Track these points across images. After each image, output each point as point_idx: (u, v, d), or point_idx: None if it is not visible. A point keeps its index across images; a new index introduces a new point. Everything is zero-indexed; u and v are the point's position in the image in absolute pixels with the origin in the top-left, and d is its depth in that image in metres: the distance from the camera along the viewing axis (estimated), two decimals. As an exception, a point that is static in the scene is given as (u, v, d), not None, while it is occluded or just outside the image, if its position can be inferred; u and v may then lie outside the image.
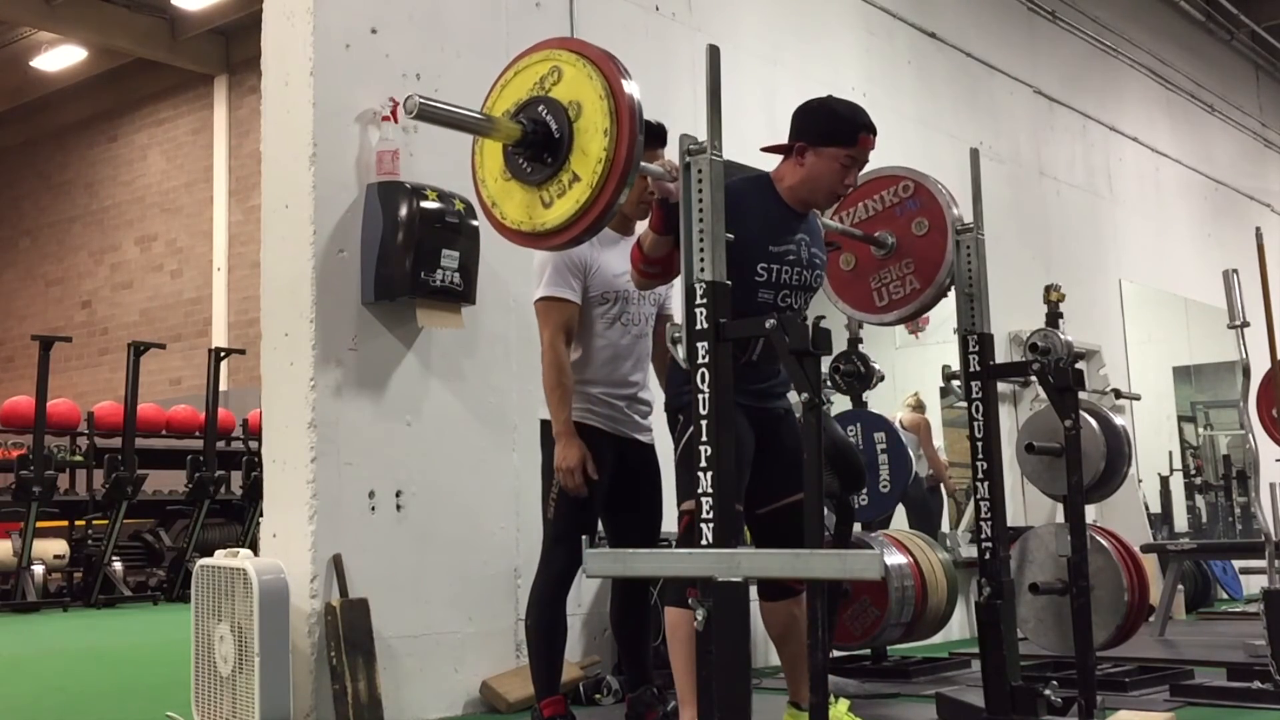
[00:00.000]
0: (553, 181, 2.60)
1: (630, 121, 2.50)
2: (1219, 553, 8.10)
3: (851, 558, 2.32)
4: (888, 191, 3.83)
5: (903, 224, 3.80)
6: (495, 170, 2.74)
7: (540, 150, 2.60)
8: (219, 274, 15.25)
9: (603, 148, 2.50)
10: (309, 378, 3.94)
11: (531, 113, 2.62)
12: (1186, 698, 4.19)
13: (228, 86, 15.65)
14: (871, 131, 3.22)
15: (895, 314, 3.85)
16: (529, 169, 2.63)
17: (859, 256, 3.89)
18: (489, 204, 2.77)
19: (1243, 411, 4.47)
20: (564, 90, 2.60)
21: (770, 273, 3.14)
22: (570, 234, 2.61)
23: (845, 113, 3.23)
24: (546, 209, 2.62)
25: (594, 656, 4.58)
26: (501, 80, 2.76)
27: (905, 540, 5.18)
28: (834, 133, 3.18)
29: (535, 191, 2.64)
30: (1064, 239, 8.14)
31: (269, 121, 4.19)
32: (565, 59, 2.63)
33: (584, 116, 2.55)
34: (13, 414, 10.32)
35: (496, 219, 2.75)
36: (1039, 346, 3.94)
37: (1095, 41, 8.81)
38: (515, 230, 2.70)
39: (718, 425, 2.43)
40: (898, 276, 3.81)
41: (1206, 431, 10.45)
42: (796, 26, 6.25)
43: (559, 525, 3.51)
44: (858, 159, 3.21)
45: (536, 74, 2.66)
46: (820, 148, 3.18)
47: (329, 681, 3.79)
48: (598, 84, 2.55)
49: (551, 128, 2.59)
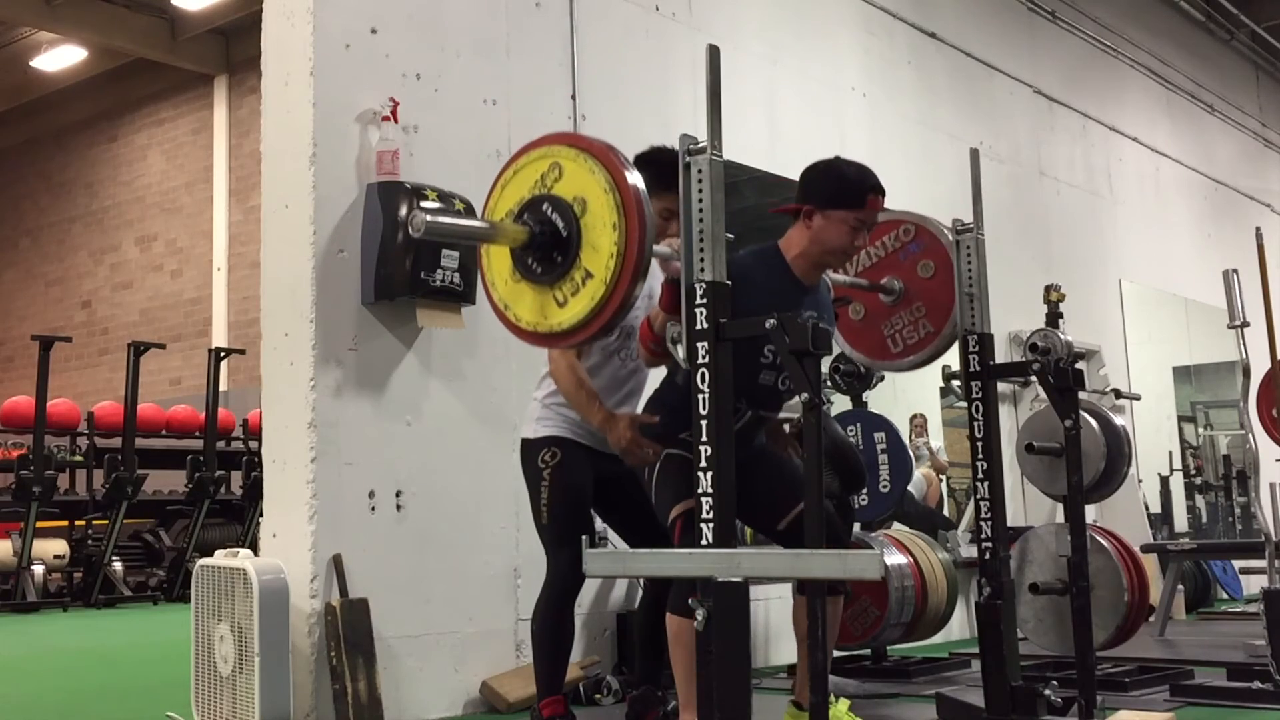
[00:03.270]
0: (565, 280, 2.55)
1: (638, 213, 2.46)
2: (1219, 553, 8.10)
3: (851, 558, 2.32)
4: (889, 237, 3.82)
5: (908, 268, 3.80)
6: (505, 273, 2.69)
7: (549, 250, 2.56)
8: (219, 274, 15.25)
9: (613, 242, 2.47)
10: (309, 378, 3.94)
11: (537, 213, 2.58)
12: (1186, 698, 4.19)
13: (228, 86, 15.65)
14: (880, 193, 3.19)
15: (911, 359, 3.84)
16: (539, 269, 2.59)
17: (868, 305, 3.88)
18: (501, 307, 2.72)
19: (1243, 411, 4.47)
20: (567, 186, 2.57)
21: (776, 354, 3.11)
22: (588, 332, 2.57)
23: (852, 175, 3.21)
24: (561, 308, 2.57)
25: (594, 656, 4.58)
26: (501, 180, 2.72)
27: (905, 540, 5.18)
28: (841, 195, 3.15)
29: (548, 291, 2.59)
30: (1064, 239, 8.14)
31: (269, 121, 4.19)
32: (564, 154, 2.60)
33: (590, 212, 2.52)
34: (13, 414, 10.32)
35: (511, 321, 2.70)
36: (1039, 346, 3.93)
37: (1095, 41, 8.81)
38: (531, 332, 2.66)
39: (717, 425, 2.44)
40: (910, 321, 3.80)
41: (1206, 431, 10.45)
42: (796, 26, 6.25)
43: (555, 529, 3.46)
44: (866, 221, 3.18)
45: (537, 171, 2.63)
46: (828, 210, 3.15)
47: (329, 681, 3.79)
48: (600, 178, 2.51)
49: (559, 226, 2.55)
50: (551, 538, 3.49)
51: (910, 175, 6.85)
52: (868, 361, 3.98)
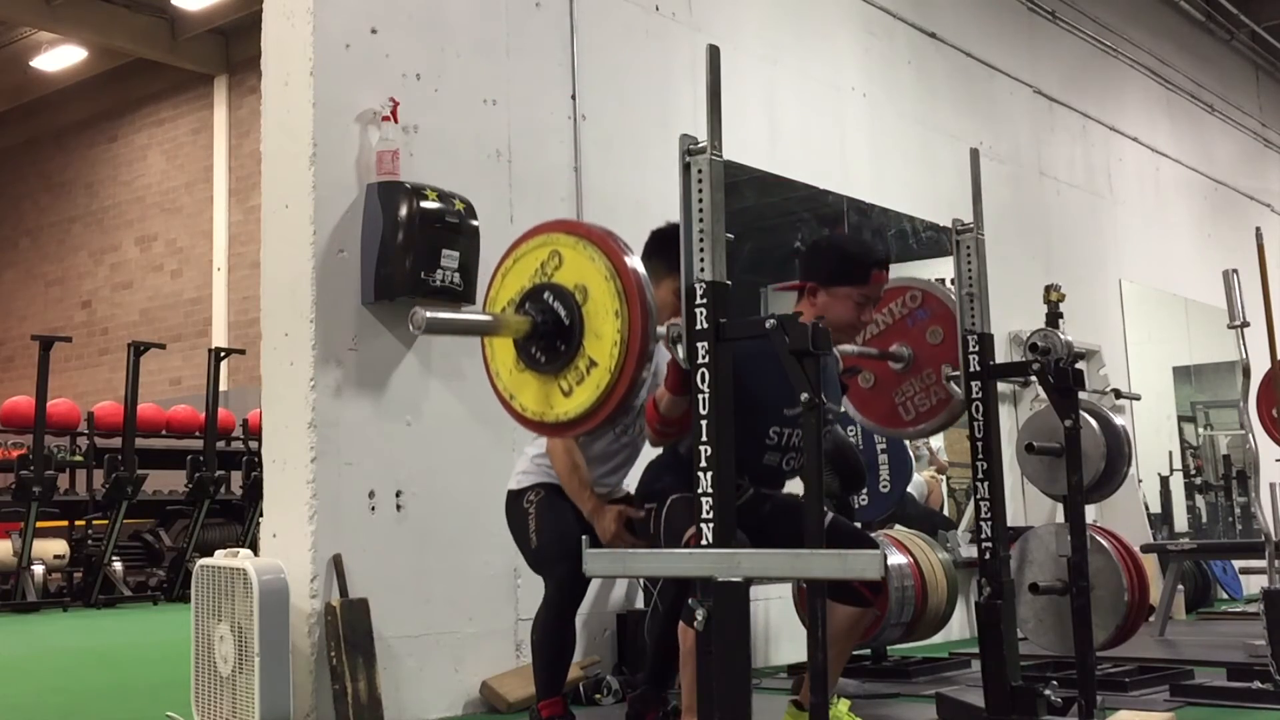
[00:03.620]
0: (570, 369, 2.55)
1: (640, 299, 2.45)
2: (1219, 553, 8.10)
3: (851, 558, 2.32)
4: (896, 304, 3.82)
5: (916, 334, 3.80)
6: (508, 362, 2.68)
7: (553, 339, 2.56)
8: (219, 274, 15.25)
9: (616, 330, 2.46)
10: (309, 378, 3.94)
11: (539, 302, 2.58)
12: (1186, 698, 4.20)
13: (228, 86, 15.65)
14: (883, 267, 3.19)
15: (924, 426, 3.85)
16: (543, 358, 2.58)
17: (878, 373, 3.87)
18: (507, 397, 2.71)
19: (1243, 411, 4.47)
20: (567, 274, 2.56)
21: (781, 436, 3.12)
22: (594, 421, 2.56)
23: (856, 251, 3.22)
24: (566, 397, 2.56)
25: (594, 656, 4.57)
26: (501, 269, 2.72)
27: (905, 540, 5.18)
28: (845, 272, 3.16)
29: (553, 380, 2.58)
30: (1064, 239, 8.14)
31: (269, 121, 4.19)
32: (564, 242, 2.59)
33: (592, 300, 2.51)
34: (13, 414, 10.32)
35: (517, 411, 2.69)
36: (1039, 346, 3.93)
37: (1095, 41, 8.81)
38: (537, 422, 2.65)
39: (718, 425, 2.43)
40: (921, 389, 3.80)
41: (1206, 431, 10.44)
42: (796, 26, 6.25)
43: (545, 549, 3.44)
44: (871, 296, 3.19)
45: (536, 260, 2.63)
46: (832, 287, 3.15)
47: (329, 681, 3.79)
48: (601, 265, 2.50)
49: (561, 314, 2.54)
50: (544, 558, 3.47)
51: (910, 175, 6.85)
52: (880, 430, 3.97)
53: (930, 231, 6.91)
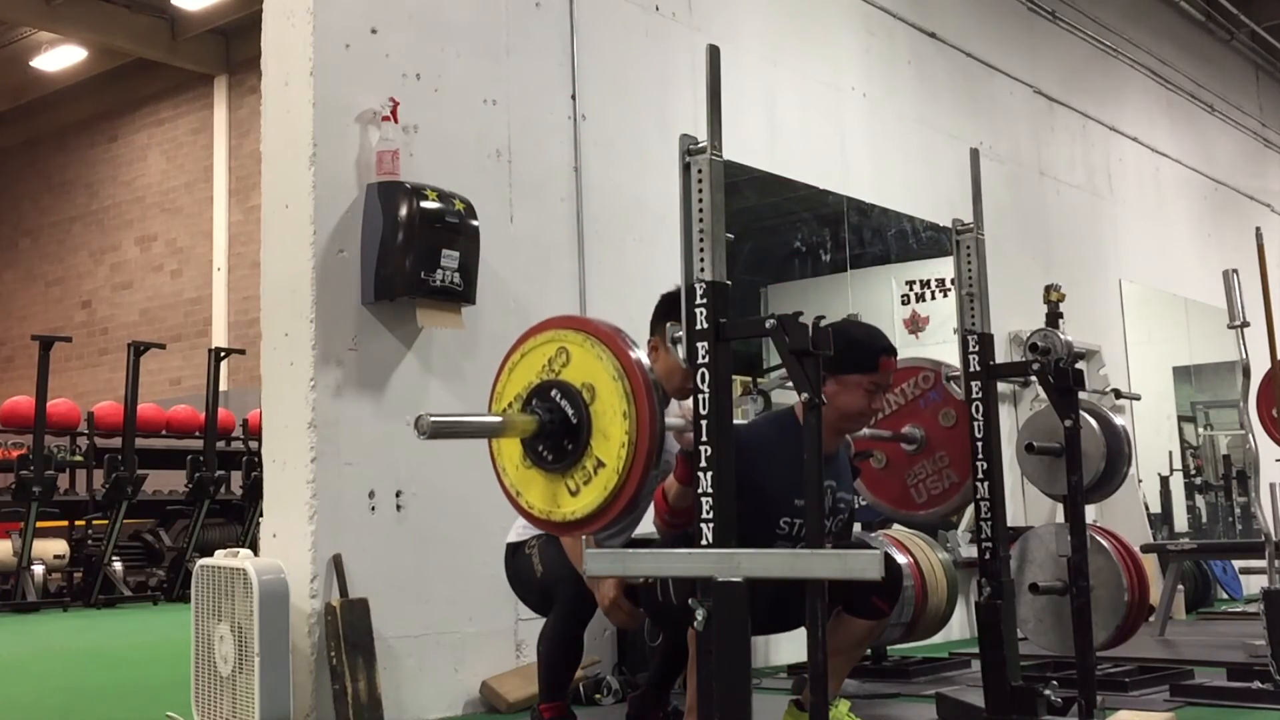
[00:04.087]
0: (576, 468, 2.53)
1: (648, 401, 2.44)
2: (1219, 553, 8.10)
3: (852, 558, 2.32)
4: (908, 384, 3.82)
5: (928, 416, 3.80)
6: (515, 458, 2.67)
7: (560, 438, 2.54)
8: (219, 274, 15.25)
9: (624, 431, 2.45)
10: (309, 378, 3.94)
11: (546, 400, 2.57)
12: (1186, 698, 4.19)
13: (228, 86, 15.65)
14: (891, 354, 3.20)
15: (937, 510, 3.86)
16: (550, 457, 2.57)
17: (889, 453, 3.88)
18: (513, 493, 2.70)
19: (1243, 411, 4.47)
20: (574, 372, 2.56)
21: (792, 526, 3.10)
22: (601, 521, 2.54)
23: (863, 339, 3.22)
24: (574, 497, 2.55)
25: (594, 656, 4.57)
26: (508, 364, 2.72)
27: (905, 540, 5.17)
28: (853, 360, 3.15)
29: (560, 479, 2.57)
30: (1064, 239, 8.14)
31: (269, 121, 4.19)
32: (571, 339, 2.58)
33: (600, 399, 2.50)
34: (13, 414, 10.32)
35: (523, 508, 2.68)
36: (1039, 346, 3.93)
37: (1095, 41, 8.81)
38: (544, 520, 2.63)
39: (718, 425, 2.43)
40: (934, 471, 3.80)
41: (1206, 431, 10.44)
42: (796, 27, 6.25)
43: (550, 576, 3.42)
44: (880, 384, 3.18)
45: (544, 356, 2.62)
46: (841, 376, 3.13)
47: (329, 681, 3.79)
48: (609, 365, 2.49)
49: (568, 414, 2.53)
50: (551, 582, 3.44)
51: (910, 175, 6.85)
52: (891, 513, 3.97)
53: (930, 231, 6.91)
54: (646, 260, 5.03)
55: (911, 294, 7.20)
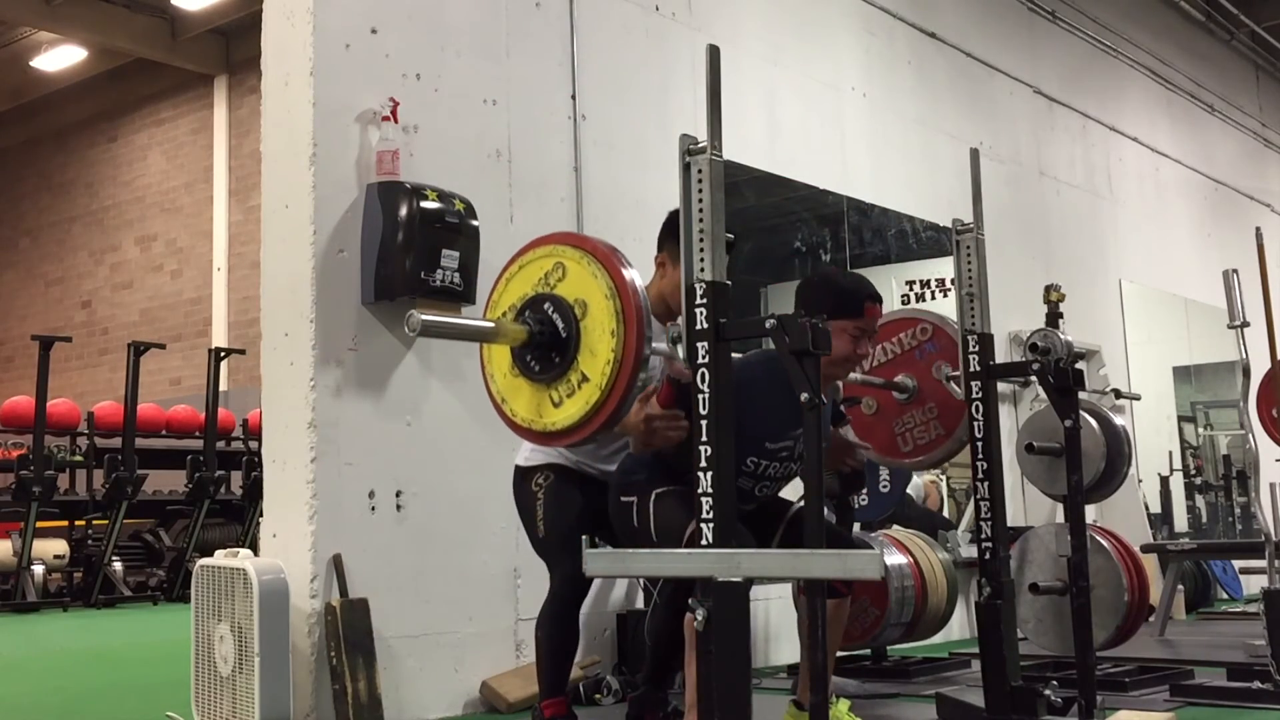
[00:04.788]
0: (561, 381, 2.58)
1: (637, 322, 2.48)
2: (1219, 553, 8.10)
3: (851, 558, 2.31)
4: (906, 334, 3.85)
5: (923, 368, 3.82)
6: (504, 366, 2.72)
7: (548, 350, 2.59)
8: (219, 274, 15.25)
9: (610, 349, 2.48)
10: (309, 378, 3.94)
11: (538, 311, 2.60)
12: (1186, 698, 4.19)
13: (228, 86, 15.65)
14: (877, 300, 3.23)
15: (922, 458, 3.89)
16: (537, 367, 2.61)
17: (881, 400, 3.91)
18: (499, 400, 2.74)
19: (1243, 411, 4.47)
20: (569, 288, 2.59)
21: (757, 466, 3.17)
22: (581, 434, 2.59)
23: (849, 285, 3.26)
24: (556, 408, 2.59)
25: (594, 656, 4.57)
26: (505, 274, 2.75)
27: (905, 540, 5.18)
28: (840, 307, 3.19)
29: (544, 390, 2.62)
30: (1064, 239, 8.15)
31: (269, 121, 4.19)
32: (569, 255, 2.61)
33: (590, 316, 2.53)
34: (13, 414, 10.31)
35: (507, 416, 2.73)
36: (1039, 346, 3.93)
37: (1095, 41, 8.82)
38: (526, 428, 2.69)
39: (717, 425, 2.43)
40: (921, 421, 3.83)
41: (1206, 431, 10.45)
42: (796, 26, 6.25)
43: (553, 539, 3.43)
44: (867, 329, 3.22)
45: (541, 269, 2.65)
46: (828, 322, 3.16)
47: (329, 681, 3.79)
48: (603, 283, 2.52)
49: (558, 326, 2.57)
50: (551, 548, 3.46)
51: (910, 175, 6.85)
52: (875, 457, 3.99)
53: (930, 231, 6.91)
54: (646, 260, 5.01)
55: (911, 294, 7.20)
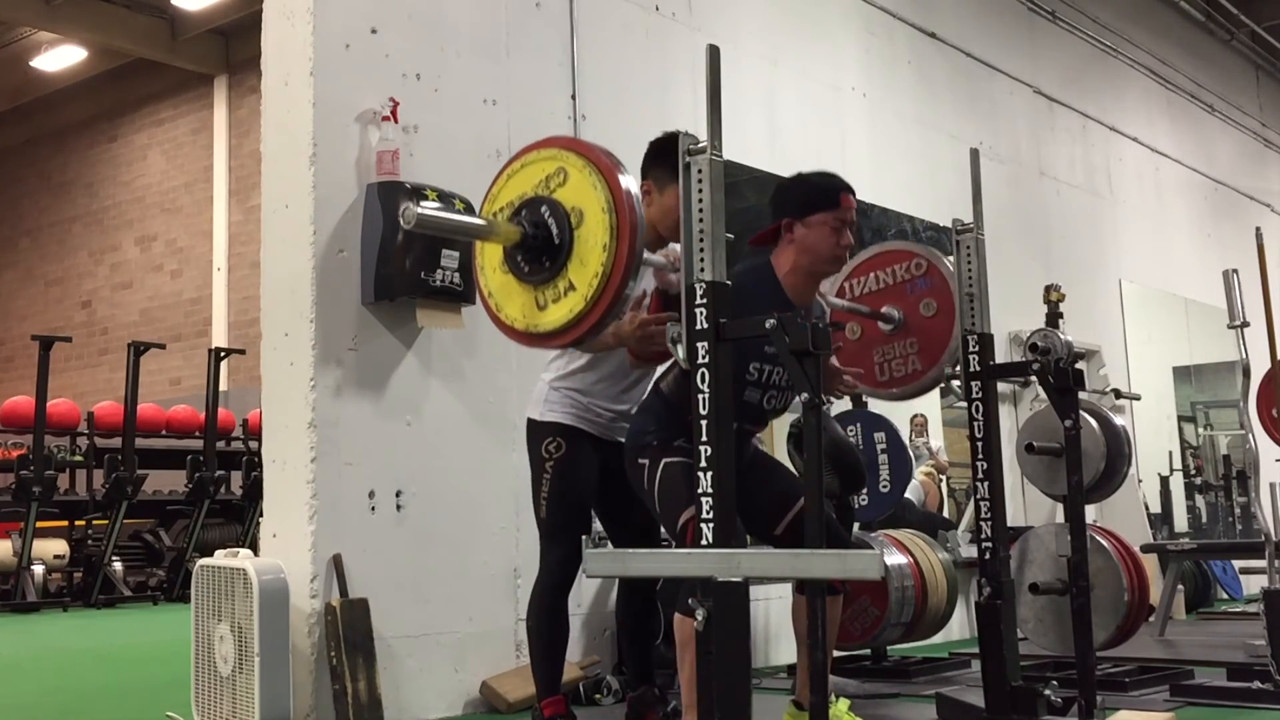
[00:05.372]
0: (549, 285, 2.59)
1: (630, 238, 2.48)
2: (1219, 553, 8.09)
3: (851, 558, 2.32)
4: (900, 266, 3.86)
5: (911, 302, 3.84)
6: (495, 262, 2.73)
7: (539, 253, 2.59)
8: (219, 274, 15.25)
9: (600, 262, 2.49)
10: (309, 378, 3.94)
11: (534, 213, 2.60)
12: (1186, 698, 4.19)
13: (228, 86, 15.65)
14: (850, 191, 3.25)
15: (896, 390, 3.92)
16: (526, 268, 2.63)
17: (865, 328, 3.92)
18: (486, 294, 2.76)
19: (1243, 411, 4.47)
20: (568, 194, 2.58)
21: (761, 373, 3.17)
22: (565, 339, 2.62)
23: (820, 180, 3.29)
24: (541, 311, 2.62)
25: (594, 656, 4.58)
26: (508, 170, 2.75)
27: (905, 540, 5.18)
28: (815, 201, 3.22)
29: (532, 291, 2.63)
30: (1064, 239, 8.15)
31: (269, 121, 4.19)
32: (572, 161, 2.61)
33: (585, 225, 2.54)
34: (13, 414, 10.32)
35: (493, 310, 2.75)
36: (1039, 346, 3.93)
37: (1095, 41, 8.82)
38: (510, 327, 2.70)
39: (717, 425, 2.43)
40: (901, 354, 3.85)
41: (1206, 431, 10.45)
42: (796, 27, 6.25)
43: (552, 521, 3.46)
44: (845, 220, 3.23)
45: (543, 171, 2.65)
46: (807, 218, 3.20)
47: (329, 681, 3.79)
48: (601, 195, 2.52)
49: (552, 231, 2.57)
50: (546, 532, 3.50)
51: (910, 175, 6.85)
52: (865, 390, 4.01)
53: (930, 231, 6.90)
54: (646, 260, 5.03)
55: (912, 294, 7.19)
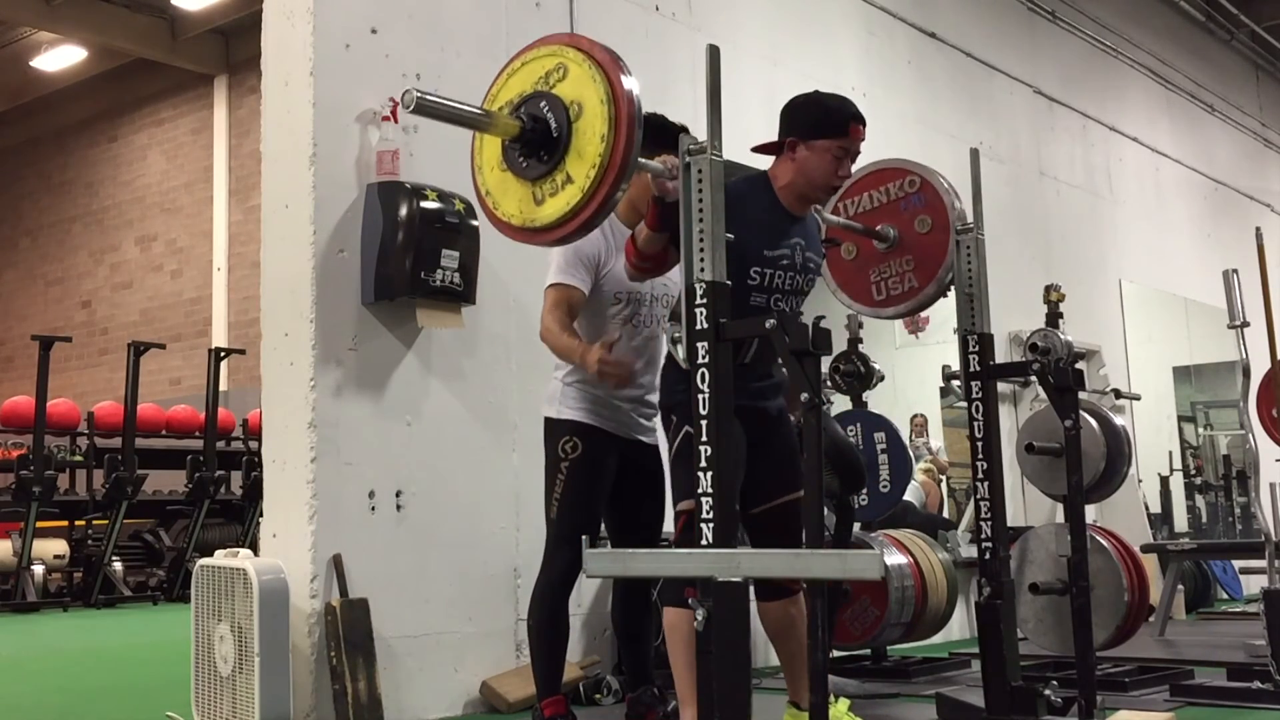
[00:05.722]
0: (546, 180, 2.60)
1: (628, 130, 2.49)
2: (1219, 553, 8.10)
3: (851, 558, 2.32)
4: (893, 185, 3.83)
5: (906, 219, 3.79)
6: (493, 160, 2.74)
7: (537, 147, 2.60)
8: (219, 274, 15.25)
9: (598, 153, 2.50)
10: (309, 378, 3.94)
11: (533, 108, 2.62)
12: (1186, 698, 4.19)
13: (228, 86, 15.64)
14: (861, 122, 3.21)
15: (892, 310, 3.86)
16: (525, 164, 2.64)
17: (860, 248, 3.89)
18: (483, 193, 2.78)
19: (1243, 411, 4.47)
20: (567, 88, 2.60)
21: (764, 276, 3.14)
22: (561, 232, 2.62)
23: (834, 104, 3.24)
24: (539, 205, 2.62)
25: (594, 656, 4.58)
26: (508, 69, 2.76)
27: (905, 540, 5.18)
28: (824, 125, 3.19)
29: (529, 186, 2.64)
30: (1064, 239, 8.14)
31: (269, 121, 4.19)
32: (572, 57, 2.62)
33: (584, 118, 2.55)
34: (13, 414, 10.31)
35: (489, 208, 2.76)
36: (1039, 346, 3.93)
37: (1095, 41, 8.81)
38: (507, 223, 2.71)
39: (718, 425, 2.43)
40: (898, 273, 3.81)
41: (1206, 431, 10.45)
42: (796, 27, 6.25)
43: (562, 525, 3.48)
44: (849, 150, 3.21)
45: (543, 68, 2.66)
46: (812, 141, 3.18)
47: (329, 681, 3.79)
48: (600, 88, 2.54)
49: (551, 125, 2.58)
50: (555, 533, 3.52)
51: (910, 175, 6.85)
52: (850, 304, 3.98)
53: (930, 231, 6.90)
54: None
55: (911, 294, 7.19)
